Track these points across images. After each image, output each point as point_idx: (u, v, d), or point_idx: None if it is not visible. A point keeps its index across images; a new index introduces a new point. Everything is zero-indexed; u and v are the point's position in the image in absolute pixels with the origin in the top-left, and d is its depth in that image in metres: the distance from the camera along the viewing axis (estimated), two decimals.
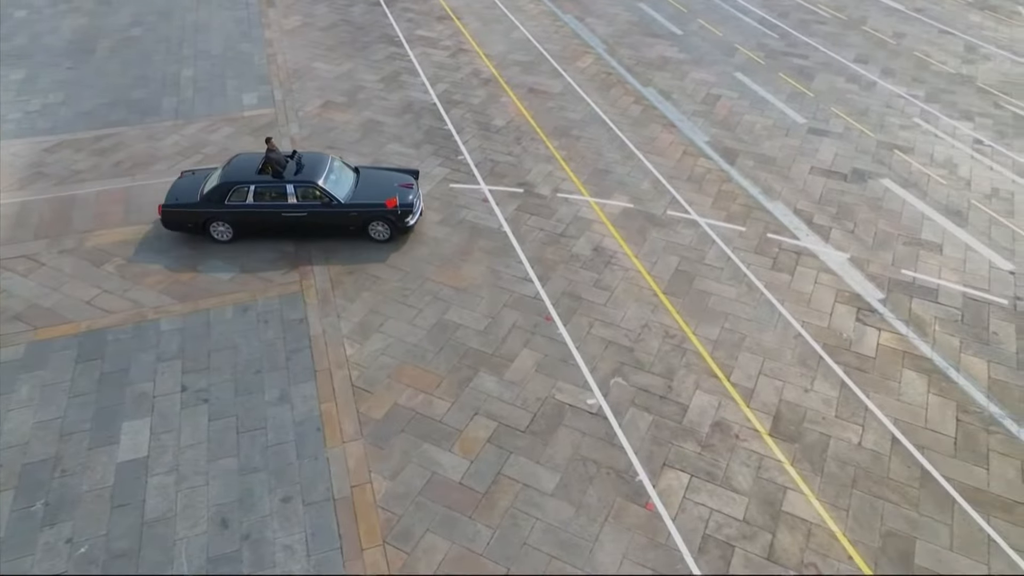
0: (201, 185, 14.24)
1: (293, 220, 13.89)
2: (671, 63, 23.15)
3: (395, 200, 13.99)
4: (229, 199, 13.72)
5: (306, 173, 13.86)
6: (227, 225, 13.97)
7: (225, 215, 13.80)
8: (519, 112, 19.88)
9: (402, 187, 14.51)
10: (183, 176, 14.90)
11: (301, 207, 13.77)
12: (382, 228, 14.22)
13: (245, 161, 14.26)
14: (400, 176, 14.94)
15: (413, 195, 14.36)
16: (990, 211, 16.03)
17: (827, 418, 11.06)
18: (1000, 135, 19.12)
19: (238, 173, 13.87)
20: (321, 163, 14.21)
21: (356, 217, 13.97)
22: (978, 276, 14.10)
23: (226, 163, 14.43)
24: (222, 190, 13.69)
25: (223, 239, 14.20)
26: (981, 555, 9.16)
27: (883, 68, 23.00)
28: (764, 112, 20.23)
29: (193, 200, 13.84)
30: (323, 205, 13.80)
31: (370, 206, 13.96)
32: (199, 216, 13.80)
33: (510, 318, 12.83)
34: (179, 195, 14.05)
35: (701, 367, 11.94)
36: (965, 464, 10.34)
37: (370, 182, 14.55)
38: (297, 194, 13.69)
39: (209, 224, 13.93)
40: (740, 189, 16.76)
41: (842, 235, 15.26)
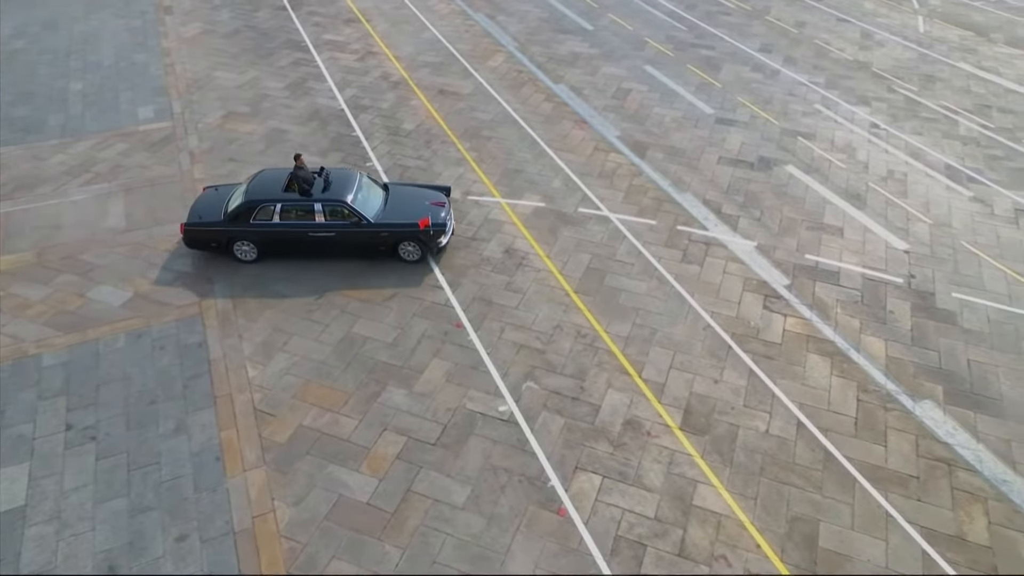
0: (224, 202, 13.73)
1: (321, 240, 13.43)
2: (582, 59, 23.21)
3: (427, 220, 13.43)
4: (255, 218, 13.23)
5: (334, 191, 13.35)
6: (252, 244, 13.48)
7: (250, 234, 13.31)
8: (429, 114, 19.56)
9: (433, 205, 13.99)
10: (205, 192, 14.35)
11: (329, 226, 13.29)
12: (412, 248, 13.69)
13: (270, 178, 13.74)
14: (431, 193, 14.44)
15: (445, 213, 13.89)
16: (886, 193, 16.60)
17: (736, 408, 11.20)
18: (894, 118, 19.86)
19: (264, 191, 13.37)
20: (350, 180, 13.69)
21: (387, 237, 13.47)
22: (876, 257, 14.56)
23: (250, 179, 13.89)
24: (247, 208, 13.18)
25: (247, 259, 13.71)
26: (880, 531, 9.40)
27: (786, 56, 23.61)
28: (674, 104, 20.47)
29: (217, 218, 13.35)
30: (352, 224, 13.30)
31: (401, 226, 13.43)
32: (223, 235, 13.33)
33: (419, 328, 12.55)
34: (202, 213, 13.55)
35: (613, 365, 11.92)
36: (865, 443, 10.62)
37: (400, 200, 14.04)
38: (325, 213, 13.20)
39: (233, 243, 13.42)
40: (651, 182, 16.89)
41: (749, 223, 15.54)
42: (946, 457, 10.42)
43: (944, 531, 9.41)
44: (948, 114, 20.06)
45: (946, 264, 14.34)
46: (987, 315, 13.03)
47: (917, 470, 10.23)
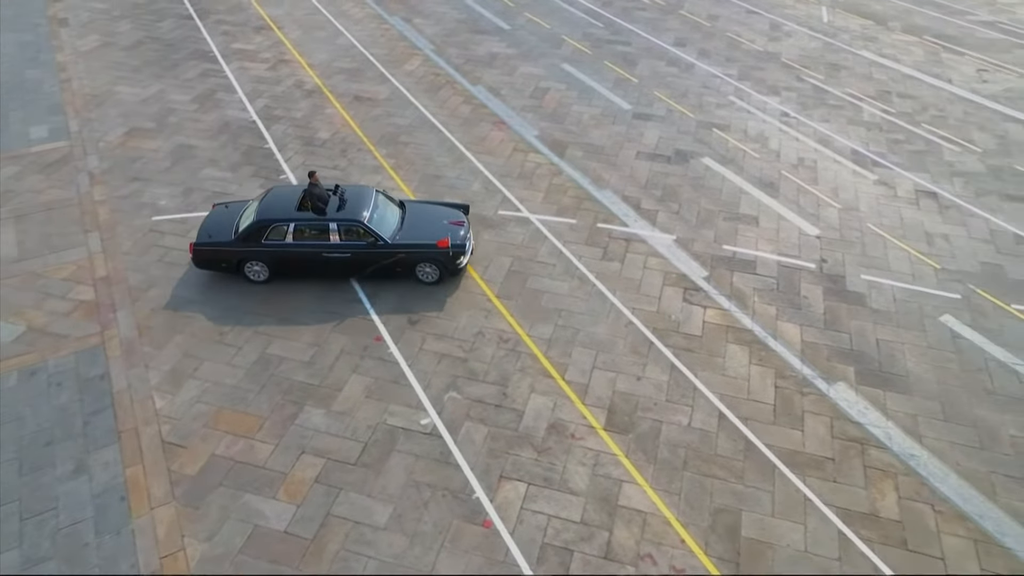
0: (235, 221, 13.25)
1: (336, 261, 12.93)
2: (500, 59, 23.09)
3: (447, 241, 12.94)
4: (267, 237, 12.73)
5: (350, 210, 12.87)
6: (263, 265, 13.01)
7: (262, 254, 12.83)
8: (345, 122, 19.11)
9: (452, 224, 13.46)
10: (215, 209, 13.81)
11: (344, 247, 12.81)
12: (431, 270, 13.22)
13: (283, 196, 13.24)
14: (449, 212, 13.93)
15: (464, 233, 13.38)
16: (797, 180, 17.04)
17: (659, 404, 11.25)
18: (803, 107, 20.44)
19: (276, 209, 12.87)
20: (365, 198, 13.21)
21: (404, 258, 12.99)
22: (790, 244, 14.91)
23: (262, 197, 13.40)
24: (259, 228, 12.68)
25: (258, 279, 13.26)
26: (799, 516, 9.57)
27: (700, 50, 24.03)
28: (591, 101, 20.56)
29: (227, 238, 12.88)
30: (369, 245, 12.82)
31: (420, 247, 12.94)
32: (234, 255, 12.87)
33: (338, 344, 12.18)
34: (212, 232, 13.06)
35: (536, 369, 11.82)
36: (783, 429, 10.81)
37: (418, 219, 13.51)
38: (340, 232, 12.72)
39: (244, 264, 12.95)
40: (570, 181, 16.89)
41: (668, 217, 15.69)
42: (859, 437, 10.70)
43: (858, 510, 9.64)
44: (853, 101, 20.76)
45: (855, 247, 14.79)
46: (893, 295, 13.48)
47: (832, 452, 10.47)
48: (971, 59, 23.43)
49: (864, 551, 9.15)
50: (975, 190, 16.68)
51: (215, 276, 13.52)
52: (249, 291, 13.20)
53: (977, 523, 9.49)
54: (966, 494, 9.87)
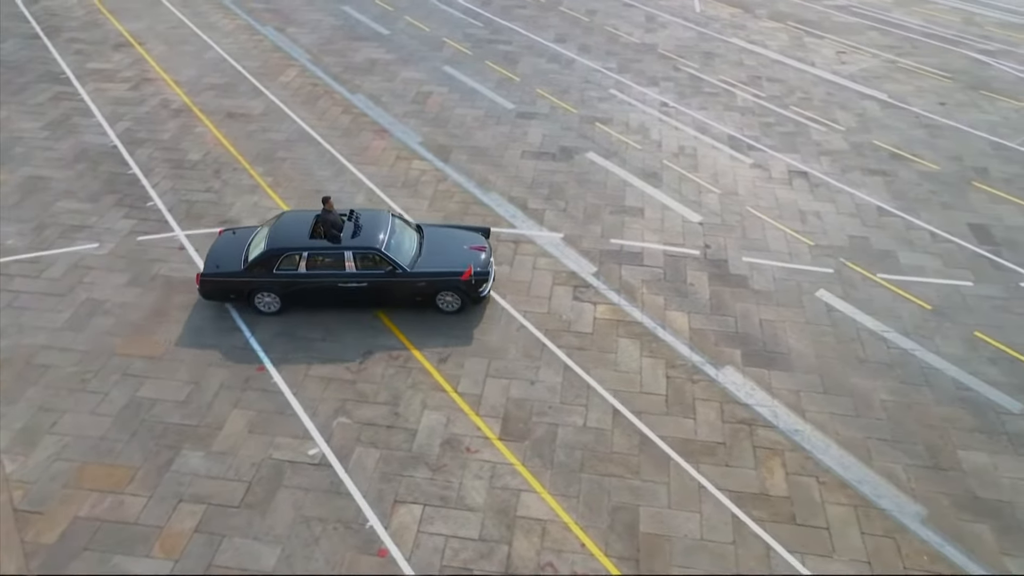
0: (244, 249, 12.62)
1: (351, 291, 12.26)
2: (379, 65, 22.56)
3: (470, 271, 12.27)
4: (279, 267, 12.07)
5: (365, 236, 12.21)
6: (275, 296, 12.34)
7: (273, 285, 12.17)
8: (217, 141, 18.13)
9: (473, 250, 12.83)
10: (222, 235, 13.13)
11: (361, 276, 12.13)
12: (452, 299, 12.53)
13: (294, 222, 12.57)
14: (469, 236, 13.27)
15: (487, 258, 12.69)
16: (679, 168, 17.41)
17: (553, 407, 11.15)
18: (680, 96, 20.95)
19: (288, 237, 12.22)
20: (382, 224, 12.52)
21: (424, 287, 12.28)
22: (674, 232, 15.18)
23: (272, 223, 12.71)
24: (270, 256, 12.03)
25: (269, 311, 12.58)
26: (694, 504, 9.67)
27: (580, 45, 24.27)
28: (475, 103, 20.36)
29: (236, 268, 12.23)
30: (387, 274, 12.12)
31: (441, 275, 12.26)
32: (244, 286, 12.22)
33: (217, 378, 11.45)
34: (220, 261, 12.40)
35: (428, 384, 11.49)
36: (676, 419, 10.93)
37: (437, 245, 12.87)
38: (356, 261, 11.99)
39: (254, 294, 12.27)
40: (456, 186, 16.63)
41: (555, 215, 15.68)
42: (747, 418, 10.95)
43: (749, 491, 9.85)
44: (727, 87, 21.46)
45: (735, 231, 15.22)
46: (773, 275, 13.94)
47: (723, 436, 10.66)
48: (830, 42, 24.73)
49: (757, 531, 9.34)
50: (841, 167, 17.53)
51: (75, 318, 12.46)
52: (114, 330, 12.24)
53: (856, 489, 9.87)
54: (846, 462, 10.26)
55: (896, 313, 12.96)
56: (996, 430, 10.74)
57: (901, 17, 27.00)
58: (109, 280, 13.40)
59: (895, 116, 19.94)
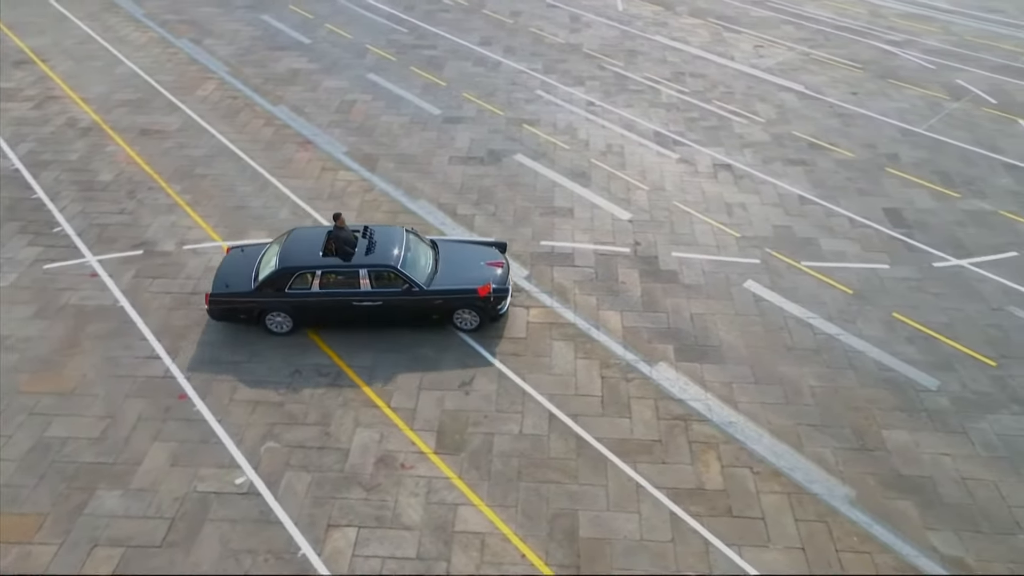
0: (253, 267, 12.26)
1: (366, 310, 11.89)
2: (302, 75, 22.02)
3: (488, 288, 11.93)
4: (291, 286, 11.72)
5: (380, 254, 11.88)
6: (286, 315, 11.98)
7: (285, 305, 11.82)
8: (131, 160, 17.36)
9: (490, 265, 12.46)
10: (230, 253, 12.82)
11: (376, 294, 11.79)
12: (470, 316, 12.20)
13: (305, 239, 12.24)
14: (485, 251, 12.94)
15: (504, 275, 12.39)
16: (607, 167, 17.49)
17: (489, 416, 10.98)
18: (606, 94, 21.10)
19: (300, 255, 11.88)
20: (396, 240, 12.20)
21: (441, 304, 11.93)
22: (604, 231, 15.22)
23: (282, 240, 12.39)
24: (282, 275, 11.67)
25: (281, 331, 12.20)
26: (633, 505, 9.65)
27: (505, 47, 24.20)
28: (400, 110, 20.06)
29: (247, 288, 11.88)
30: (403, 292, 11.76)
31: (458, 292, 11.93)
32: (255, 306, 11.87)
33: (134, 410, 10.89)
34: (229, 281, 12.05)
35: (360, 401, 11.18)
36: (612, 419, 10.91)
37: (453, 261, 12.55)
38: (371, 279, 11.63)
39: (265, 315, 11.93)
40: (384, 195, 16.32)
41: (485, 220, 15.53)
42: (682, 414, 11.01)
43: (686, 486, 9.88)
44: (651, 84, 21.72)
45: (664, 227, 15.36)
46: (702, 268, 14.11)
47: (659, 433, 10.69)
48: (748, 37, 25.33)
49: (695, 527, 9.37)
50: (763, 158, 17.92)
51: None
52: (18, 366, 11.52)
53: (789, 476, 10.02)
54: (778, 450, 10.41)
55: (820, 299, 13.27)
56: (916, 408, 11.08)
57: (813, 11, 27.88)
58: (12, 314, 12.62)
59: (812, 107, 20.53)
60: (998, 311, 13.01)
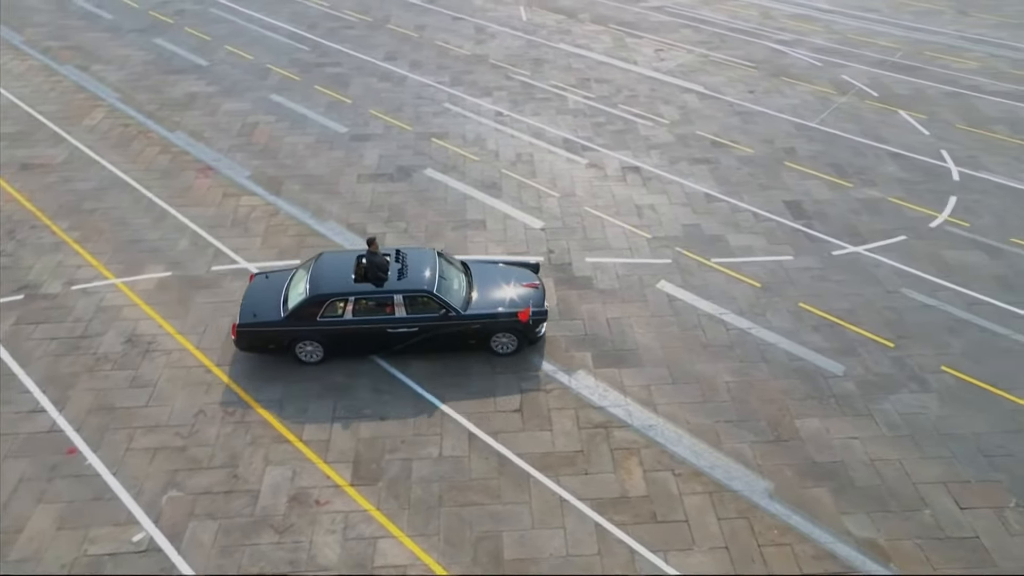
0: (281, 295, 11.80)
1: (401, 336, 11.49)
2: (200, 99, 21.13)
3: (528, 310, 11.55)
4: (323, 314, 11.26)
5: (414, 278, 11.50)
6: (317, 344, 11.54)
7: (317, 333, 11.37)
8: (10, 197, 16.20)
9: (526, 287, 12.12)
10: (254, 281, 12.37)
11: (411, 320, 11.38)
12: (507, 340, 11.82)
13: (335, 265, 11.81)
14: (519, 272, 12.59)
15: (542, 296, 12.11)
16: (518, 176, 17.42)
17: (407, 440, 10.63)
18: (514, 104, 21.08)
19: (332, 282, 11.44)
20: (429, 263, 11.82)
21: (478, 329, 11.56)
22: (517, 241, 15.11)
23: (310, 266, 11.95)
24: (314, 304, 11.22)
25: (311, 360, 11.75)
26: (557, 520, 9.48)
27: (411, 61, 23.91)
28: (305, 130, 19.48)
29: (276, 317, 11.40)
30: (439, 317, 11.35)
31: (497, 316, 11.55)
32: (285, 336, 11.42)
33: (15, 472, 10.02)
34: (257, 310, 11.55)
35: (270, 436, 10.64)
36: (533, 433, 10.73)
37: (487, 284, 12.18)
38: (406, 305, 11.19)
39: (296, 344, 11.49)
40: (290, 219, 15.74)
41: (396, 237, 15.18)
42: (602, 421, 10.94)
43: (610, 496, 9.79)
44: (558, 92, 21.84)
45: (577, 233, 15.37)
46: (615, 272, 14.16)
47: (581, 443, 10.57)
48: (649, 41, 25.87)
49: (620, 537, 9.27)
50: (669, 159, 18.23)
51: None
52: None
53: (710, 475, 10.07)
54: (698, 450, 10.46)
55: (731, 295, 13.50)
56: (825, 394, 11.37)
57: (708, 15, 28.76)
58: None
59: (712, 106, 21.07)
60: (893, 293, 13.56)
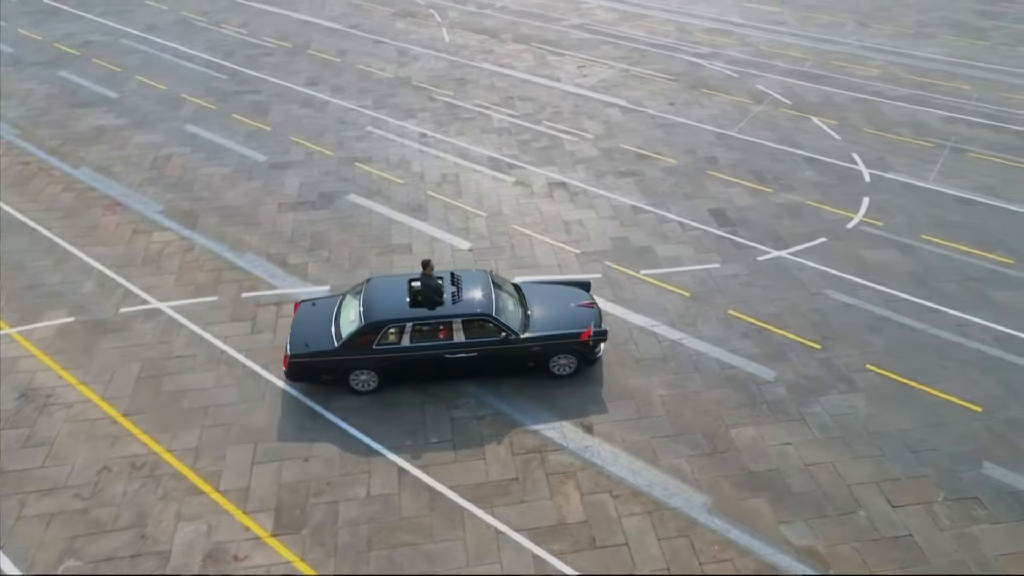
0: (330, 323, 11.42)
1: (460, 362, 11.16)
2: (108, 132, 20.13)
3: (590, 330, 11.22)
4: (379, 341, 10.90)
5: (471, 301, 11.19)
6: (372, 373, 11.16)
7: (373, 361, 10.99)
8: None
9: (582, 307, 11.84)
10: (300, 308, 11.96)
11: (471, 345, 11.03)
12: (566, 362, 11.53)
13: (387, 290, 11.47)
14: (573, 292, 12.26)
15: (598, 315, 11.85)
16: (443, 197, 17.09)
17: (332, 482, 10.06)
18: (439, 125, 20.80)
19: (386, 308, 11.09)
20: (484, 285, 11.51)
21: (538, 351, 11.24)
22: (446, 263, 14.75)
23: (359, 293, 11.62)
24: (371, 331, 10.87)
25: (366, 390, 11.38)
26: (493, 554, 9.07)
27: (333, 86, 23.42)
28: (223, 160, 18.74)
29: (329, 346, 11.02)
30: (500, 341, 11.04)
31: (559, 338, 11.23)
32: (340, 365, 11.04)
33: None
34: (309, 340, 11.17)
35: (183, 489, 9.90)
36: (465, 463, 10.31)
37: (543, 304, 11.89)
38: (464, 329, 10.96)
39: (350, 373, 11.11)
40: (206, 253, 14.99)
41: (319, 267, 14.61)
42: (537, 445, 10.60)
43: (547, 523, 9.43)
44: (482, 111, 21.68)
45: (505, 251, 15.10)
46: None
47: (515, 471, 10.20)
48: (571, 58, 26.06)
49: (559, 567, 8.91)
50: (595, 173, 18.22)
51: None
52: None
53: (649, 494, 9.83)
54: (635, 468, 10.23)
55: (661, 306, 13.42)
56: (758, 401, 11.32)
57: (627, 31, 29.22)
58: None
59: (635, 119, 21.25)
60: (817, 295, 13.73)
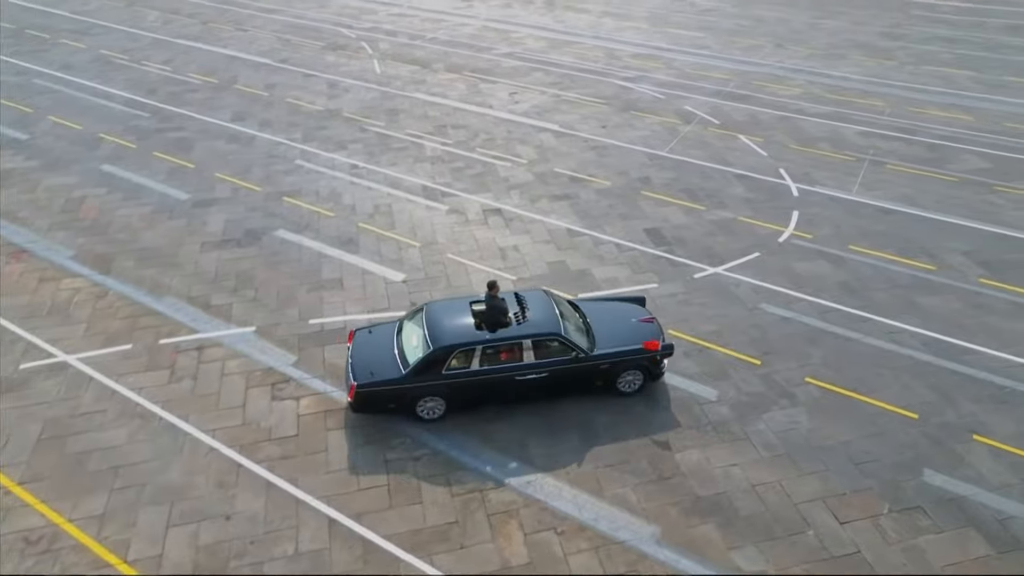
0: (392, 351, 11.08)
1: (529, 383, 10.92)
2: (16, 175, 18.99)
3: (657, 343, 11.11)
4: (448, 367, 10.60)
5: (538, 321, 10.96)
6: (440, 399, 10.81)
7: (442, 388, 10.68)
8: None
9: (644, 322, 11.72)
10: (357, 336, 11.57)
11: (541, 366, 10.80)
12: (633, 378, 11.31)
13: (451, 313, 11.19)
14: (632, 308, 12.15)
15: (661, 329, 11.73)
16: (376, 229, 16.56)
17: (257, 540, 9.30)
18: (370, 155, 20.34)
19: (455, 332, 10.77)
20: (547, 305, 11.33)
21: (607, 369, 11.01)
22: (378, 297, 14.19)
23: (420, 318, 11.32)
24: (440, 357, 10.55)
25: (432, 416, 11.02)
26: None
27: (261, 121, 22.74)
28: (141, 200, 17.82)
29: (396, 374, 10.68)
30: (570, 360, 10.84)
31: (626, 354, 11.05)
32: (408, 392, 10.71)
33: None
34: (373, 368, 10.79)
35: (86, 562, 9.00)
36: (401, 509, 9.70)
37: (604, 322, 11.69)
38: (534, 349, 10.59)
39: (418, 401, 10.76)
40: (121, 299, 14.07)
41: (244, 307, 13.86)
42: (476, 484, 10.07)
43: (490, 569, 8.88)
44: (414, 140, 21.32)
45: (440, 281, 14.64)
46: None
47: (455, 513, 9.63)
48: (503, 85, 26.02)
49: None
50: (529, 198, 17.99)
51: None
52: None
53: (595, 528, 9.39)
54: (580, 501, 9.78)
55: None
56: (702, 422, 11.06)
57: (557, 58, 29.45)
58: None
59: (568, 143, 21.21)
60: (754, 310, 13.66)
